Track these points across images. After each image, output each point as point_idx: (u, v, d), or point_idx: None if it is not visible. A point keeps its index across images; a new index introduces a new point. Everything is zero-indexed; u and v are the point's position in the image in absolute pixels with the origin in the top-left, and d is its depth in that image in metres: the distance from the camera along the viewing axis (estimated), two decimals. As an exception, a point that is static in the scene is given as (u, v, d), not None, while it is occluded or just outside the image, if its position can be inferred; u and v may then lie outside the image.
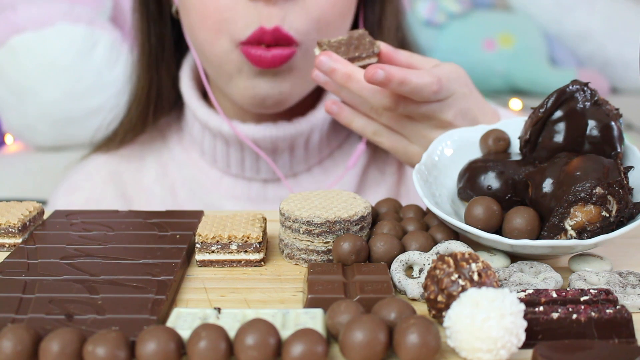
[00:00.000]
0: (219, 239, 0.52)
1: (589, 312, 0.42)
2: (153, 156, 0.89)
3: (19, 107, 1.15)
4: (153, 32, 0.84)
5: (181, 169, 0.88)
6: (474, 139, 0.61)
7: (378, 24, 0.82)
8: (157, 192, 0.87)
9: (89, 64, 1.13)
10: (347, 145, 0.88)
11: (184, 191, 0.87)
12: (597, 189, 0.49)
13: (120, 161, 0.89)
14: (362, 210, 0.53)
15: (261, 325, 0.39)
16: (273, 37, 0.71)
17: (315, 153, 0.85)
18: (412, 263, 0.50)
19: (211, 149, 0.84)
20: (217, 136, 0.83)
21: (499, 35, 1.58)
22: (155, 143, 0.90)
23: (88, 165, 0.90)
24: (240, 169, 0.84)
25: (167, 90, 0.86)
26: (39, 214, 0.59)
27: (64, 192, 0.89)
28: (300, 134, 0.81)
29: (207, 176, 0.86)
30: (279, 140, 0.81)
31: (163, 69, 0.85)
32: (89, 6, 1.17)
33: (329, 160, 0.86)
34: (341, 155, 0.87)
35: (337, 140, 0.87)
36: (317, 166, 0.86)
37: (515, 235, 0.51)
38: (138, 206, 0.87)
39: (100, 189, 0.88)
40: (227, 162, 0.84)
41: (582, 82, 0.55)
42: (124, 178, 0.88)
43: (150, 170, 0.89)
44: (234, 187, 0.85)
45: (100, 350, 0.38)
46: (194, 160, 0.87)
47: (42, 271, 0.49)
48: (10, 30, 1.11)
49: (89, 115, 1.15)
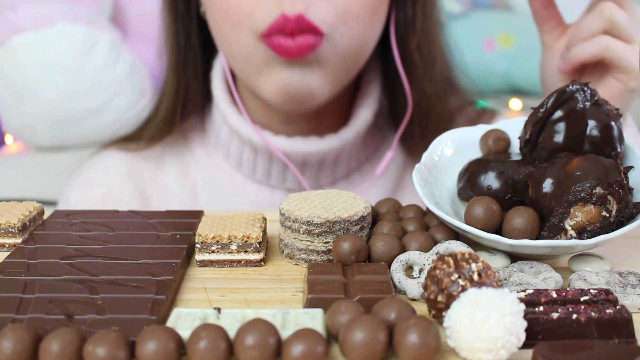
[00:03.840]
0: (219, 239, 0.52)
1: (589, 312, 0.42)
2: (174, 156, 0.88)
3: (19, 107, 1.15)
4: (182, 33, 0.83)
5: (203, 171, 0.86)
6: (474, 139, 0.61)
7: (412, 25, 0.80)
8: (176, 192, 0.86)
9: (89, 64, 1.13)
10: (375, 158, 0.86)
11: (204, 193, 0.85)
12: (597, 189, 0.49)
13: (139, 158, 0.87)
14: (362, 210, 0.53)
15: (261, 325, 0.39)
16: (296, 24, 0.69)
17: (343, 166, 0.83)
18: (412, 263, 0.50)
19: (237, 153, 0.83)
20: (245, 143, 0.81)
21: (499, 35, 1.58)
22: (177, 142, 0.88)
23: (106, 160, 0.88)
24: (266, 177, 0.83)
25: (195, 92, 0.85)
26: (39, 214, 0.59)
27: (79, 186, 0.87)
28: (331, 151, 0.80)
29: (230, 180, 0.85)
30: (310, 155, 0.79)
31: (191, 71, 0.84)
32: (89, 6, 1.18)
33: (356, 172, 0.85)
34: (369, 167, 0.86)
35: (365, 153, 0.85)
36: (344, 179, 0.85)
37: (515, 235, 0.51)
38: (156, 206, 0.85)
39: (119, 185, 0.86)
40: (253, 168, 0.83)
41: (582, 82, 0.55)
42: (143, 176, 0.86)
43: (170, 170, 0.87)
44: (256, 193, 0.84)
45: (100, 350, 0.38)
46: (217, 162, 0.86)
47: (42, 271, 0.49)
48: (10, 30, 1.11)
49: (89, 115, 1.15)
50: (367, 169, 0.86)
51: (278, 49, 0.70)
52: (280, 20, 0.69)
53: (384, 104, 0.88)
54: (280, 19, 0.69)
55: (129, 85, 1.17)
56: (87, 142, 1.18)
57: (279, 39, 0.69)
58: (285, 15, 0.68)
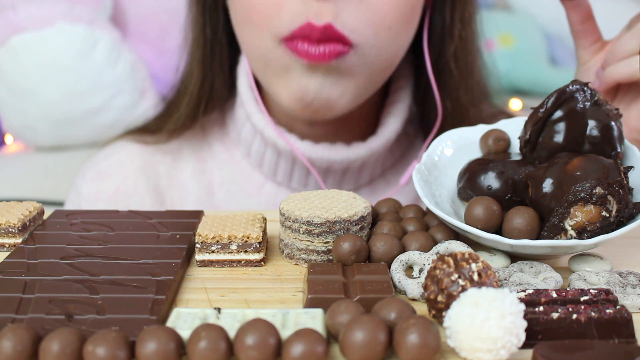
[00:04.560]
0: (219, 239, 0.52)
1: (589, 312, 0.42)
2: (191, 151, 0.84)
3: (19, 107, 1.15)
4: (209, 25, 0.79)
5: (221, 168, 0.83)
6: (474, 139, 0.61)
7: (449, 32, 0.76)
8: (192, 189, 0.83)
9: (89, 64, 1.13)
10: (401, 165, 0.84)
11: (221, 192, 0.82)
12: (597, 189, 0.49)
13: (155, 152, 0.84)
14: (362, 210, 0.53)
15: (261, 325, 0.39)
16: (322, 34, 0.64)
17: (367, 173, 0.81)
18: (412, 263, 0.50)
19: (259, 153, 0.80)
20: (269, 144, 0.78)
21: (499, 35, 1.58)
22: (195, 137, 0.85)
23: (121, 152, 0.85)
24: (287, 179, 0.80)
25: (220, 87, 0.81)
26: (39, 214, 0.59)
27: (92, 177, 0.84)
28: (357, 160, 0.77)
29: (249, 179, 0.82)
30: (335, 163, 0.77)
31: (217, 65, 0.80)
32: (89, 6, 1.18)
33: (380, 179, 0.83)
34: (394, 173, 0.83)
35: (391, 160, 0.83)
36: (367, 186, 0.82)
37: (515, 235, 0.51)
38: (170, 203, 0.83)
39: (133, 179, 0.83)
40: (274, 170, 0.80)
41: (582, 82, 0.55)
42: (158, 170, 0.84)
43: (187, 165, 0.84)
44: (275, 195, 0.81)
45: (100, 350, 0.38)
46: (236, 160, 0.83)
47: (42, 271, 0.49)
48: (10, 30, 1.11)
49: (89, 115, 1.15)
50: (391, 175, 0.83)
51: (299, 51, 0.66)
52: (305, 27, 0.65)
53: (414, 110, 0.84)
54: (306, 26, 0.65)
55: (129, 85, 1.16)
56: (87, 142, 1.18)
57: (303, 43, 0.65)
58: (311, 24, 0.64)
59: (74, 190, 0.85)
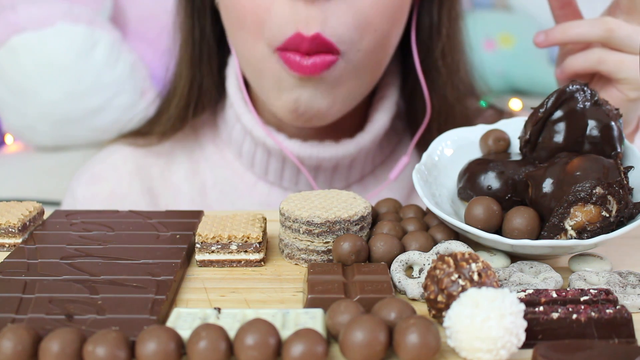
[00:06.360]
0: (219, 239, 0.52)
1: (589, 312, 0.42)
2: (184, 152, 0.85)
3: (19, 107, 1.15)
4: (197, 27, 0.80)
5: (214, 169, 0.84)
6: (474, 139, 0.61)
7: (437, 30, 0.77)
8: (185, 190, 0.84)
9: (89, 64, 1.13)
10: (390, 161, 0.84)
11: (214, 192, 0.83)
12: (597, 189, 0.49)
13: (148, 154, 0.85)
14: (362, 210, 0.53)
15: (261, 325, 0.39)
16: (312, 44, 0.65)
17: (358, 170, 0.81)
18: (412, 263, 0.50)
19: (250, 153, 0.81)
20: (259, 144, 0.79)
21: (499, 35, 1.58)
22: (188, 138, 0.86)
23: (114, 155, 0.85)
24: (278, 178, 0.81)
25: (209, 88, 0.82)
26: (39, 214, 0.59)
27: (86, 180, 0.85)
28: (346, 156, 0.78)
29: (241, 179, 0.83)
30: (324, 161, 0.78)
31: (206, 66, 0.81)
32: (89, 6, 1.18)
33: (370, 176, 0.83)
34: (384, 170, 0.84)
35: (381, 157, 0.84)
36: (357, 183, 0.83)
37: (515, 235, 0.51)
38: (164, 205, 0.84)
39: (127, 181, 0.84)
40: (266, 169, 0.81)
41: (582, 82, 0.55)
42: (152, 173, 0.85)
43: (180, 167, 0.85)
44: (268, 194, 0.82)
45: (100, 350, 0.38)
46: (228, 160, 0.84)
47: (42, 271, 0.49)
48: (10, 30, 1.11)
49: (89, 115, 1.15)
50: (381, 172, 0.84)
51: (291, 63, 0.67)
52: (295, 38, 0.65)
53: (402, 106, 0.85)
54: (296, 37, 0.65)
55: (129, 85, 1.17)
56: (87, 142, 1.18)
57: (295, 55, 0.66)
58: (300, 35, 0.65)
59: (69, 194, 0.86)
